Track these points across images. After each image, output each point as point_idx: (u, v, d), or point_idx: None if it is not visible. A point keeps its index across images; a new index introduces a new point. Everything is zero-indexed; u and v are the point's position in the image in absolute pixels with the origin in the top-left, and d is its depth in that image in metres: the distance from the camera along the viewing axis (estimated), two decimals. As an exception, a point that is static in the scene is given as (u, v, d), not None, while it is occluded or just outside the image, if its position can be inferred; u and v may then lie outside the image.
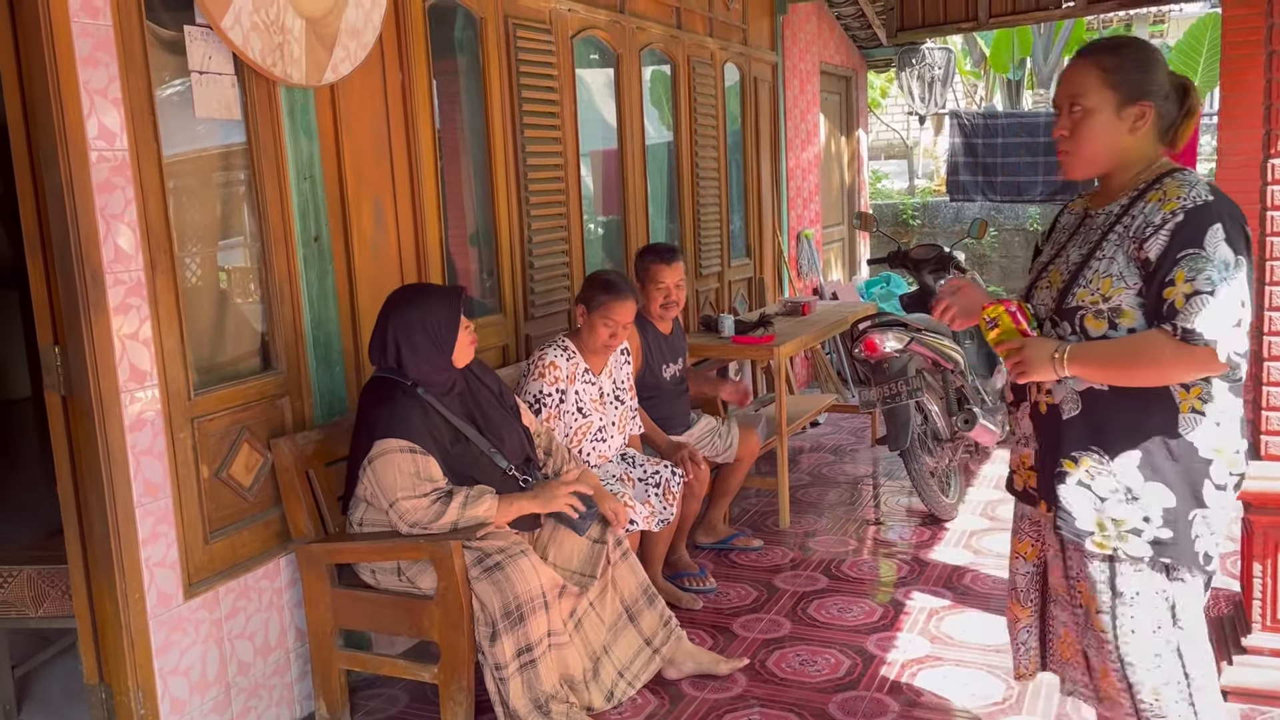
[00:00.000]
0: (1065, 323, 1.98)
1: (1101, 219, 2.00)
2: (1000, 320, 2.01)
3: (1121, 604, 1.96)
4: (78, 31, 2.36)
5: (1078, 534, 1.98)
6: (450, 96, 3.85)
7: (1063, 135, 2.00)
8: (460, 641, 2.72)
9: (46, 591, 2.98)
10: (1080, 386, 1.97)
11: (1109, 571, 1.96)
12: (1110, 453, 1.95)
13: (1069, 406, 1.99)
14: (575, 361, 3.47)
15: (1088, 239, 2.01)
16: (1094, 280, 1.94)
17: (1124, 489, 1.94)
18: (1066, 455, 1.99)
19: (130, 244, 2.50)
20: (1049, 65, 14.99)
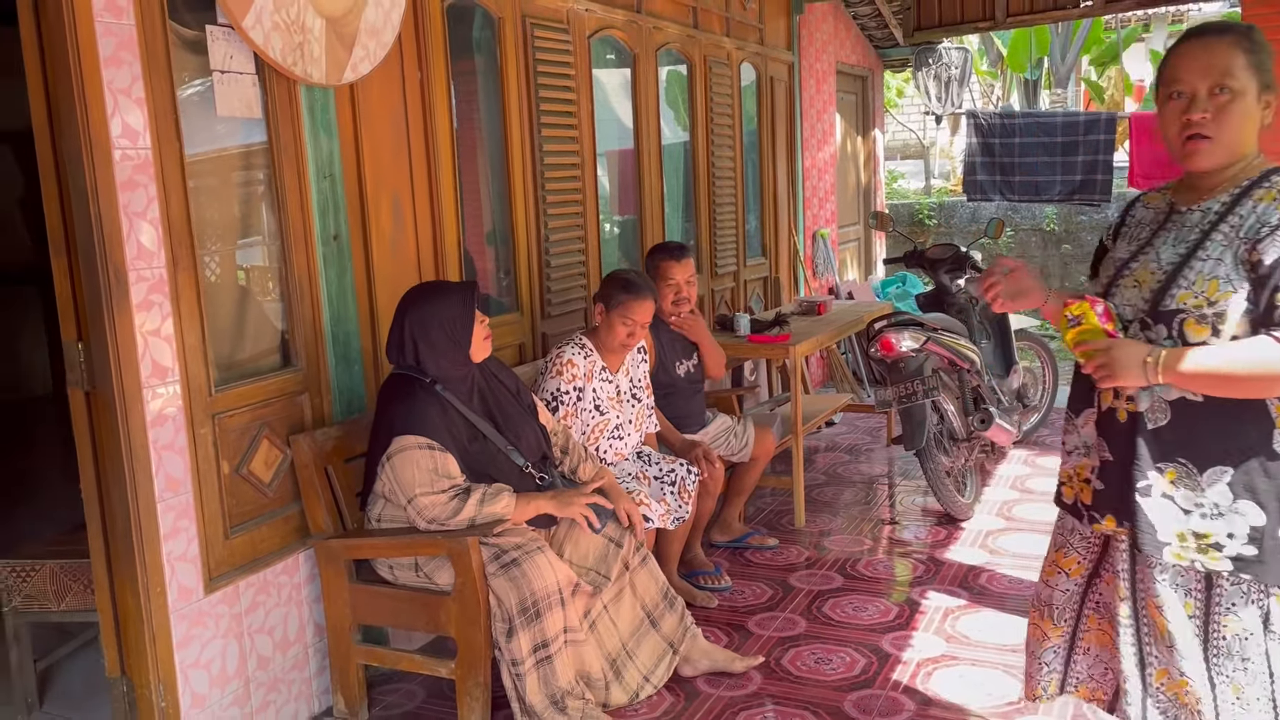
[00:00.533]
0: (1161, 325, 1.84)
1: (1198, 216, 1.87)
2: (1085, 318, 1.85)
3: (1216, 611, 1.87)
4: (101, 31, 2.39)
5: (1155, 548, 1.88)
6: (468, 96, 3.87)
7: (1205, 119, 1.80)
8: (477, 637, 2.73)
9: (69, 586, 3.02)
10: (1171, 395, 1.84)
11: (1203, 581, 1.88)
12: (1199, 466, 1.84)
13: (1157, 416, 1.87)
14: (593, 360, 3.48)
15: (1183, 237, 1.87)
16: (1197, 282, 1.80)
17: (1210, 504, 1.84)
18: (1151, 467, 1.87)
19: (153, 241, 2.52)
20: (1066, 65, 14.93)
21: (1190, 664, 1.90)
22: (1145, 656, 1.99)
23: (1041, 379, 6.00)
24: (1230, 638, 1.88)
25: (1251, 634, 1.87)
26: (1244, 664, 1.88)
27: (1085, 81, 15.95)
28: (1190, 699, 1.91)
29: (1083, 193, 8.20)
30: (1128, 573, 1.99)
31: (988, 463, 5.19)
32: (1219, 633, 1.89)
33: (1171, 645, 1.91)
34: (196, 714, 2.67)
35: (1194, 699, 1.91)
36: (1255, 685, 1.88)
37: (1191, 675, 1.90)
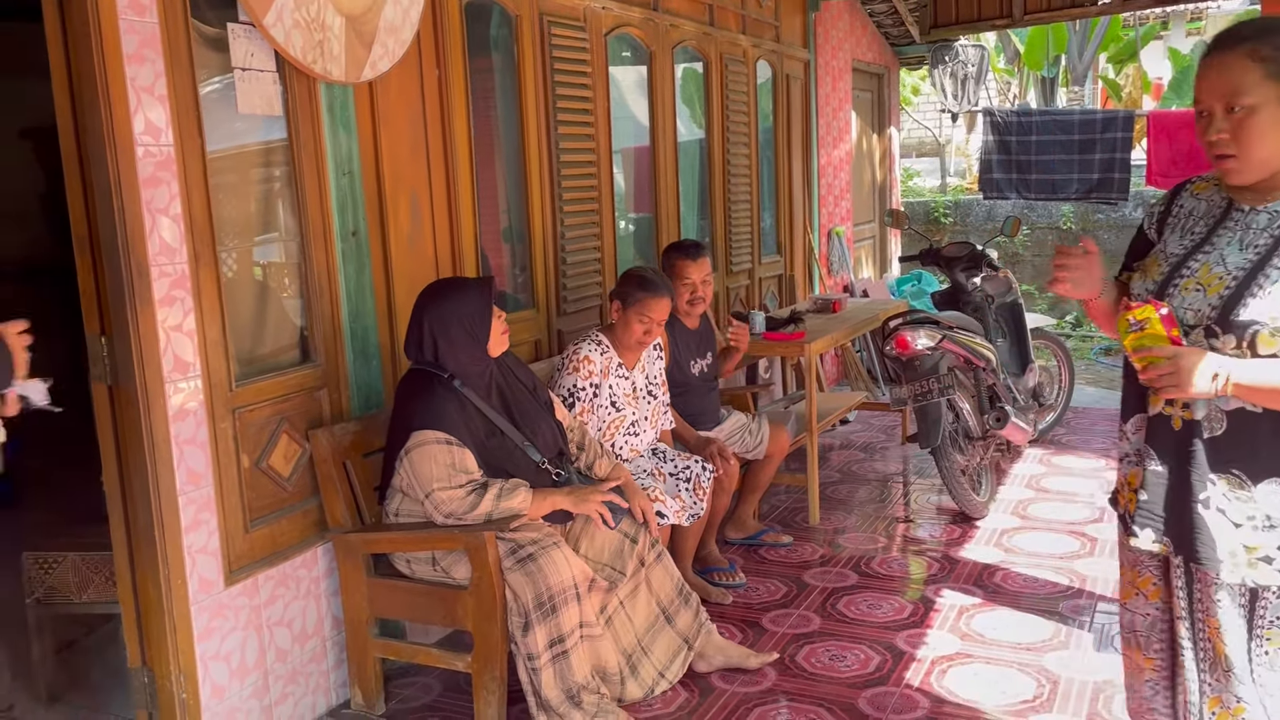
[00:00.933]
0: (1230, 335, 1.74)
1: (1265, 218, 1.78)
2: (1149, 323, 1.72)
3: (1259, 626, 1.81)
4: (125, 29, 2.41)
5: (1214, 563, 1.80)
6: (485, 93, 3.89)
7: (1223, 139, 1.74)
8: (493, 631, 2.75)
9: (90, 577, 3.05)
10: (1230, 405, 1.77)
11: (1248, 598, 1.81)
12: (1253, 478, 1.77)
13: (1213, 425, 1.79)
14: (609, 356, 3.49)
15: (1250, 240, 1.78)
16: (1274, 293, 1.70)
17: (1263, 515, 1.77)
18: (1207, 478, 1.80)
19: (174, 237, 2.55)
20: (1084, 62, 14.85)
21: (1247, 690, 1.83)
22: (1202, 684, 1.89)
23: (1057, 378, 5.98)
24: (1274, 652, 1.81)
25: None
26: None
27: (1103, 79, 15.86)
28: None
29: (1100, 191, 8.16)
30: (1184, 590, 1.89)
31: (1003, 461, 5.18)
32: (1261, 648, 1.82)
33: (1230, 670, 1.83)
34: (216, 705, 2.70)
35: None
36: None
37: (1248, 701, 1.83)
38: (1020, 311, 5.29)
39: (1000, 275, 5.24)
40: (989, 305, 5.03)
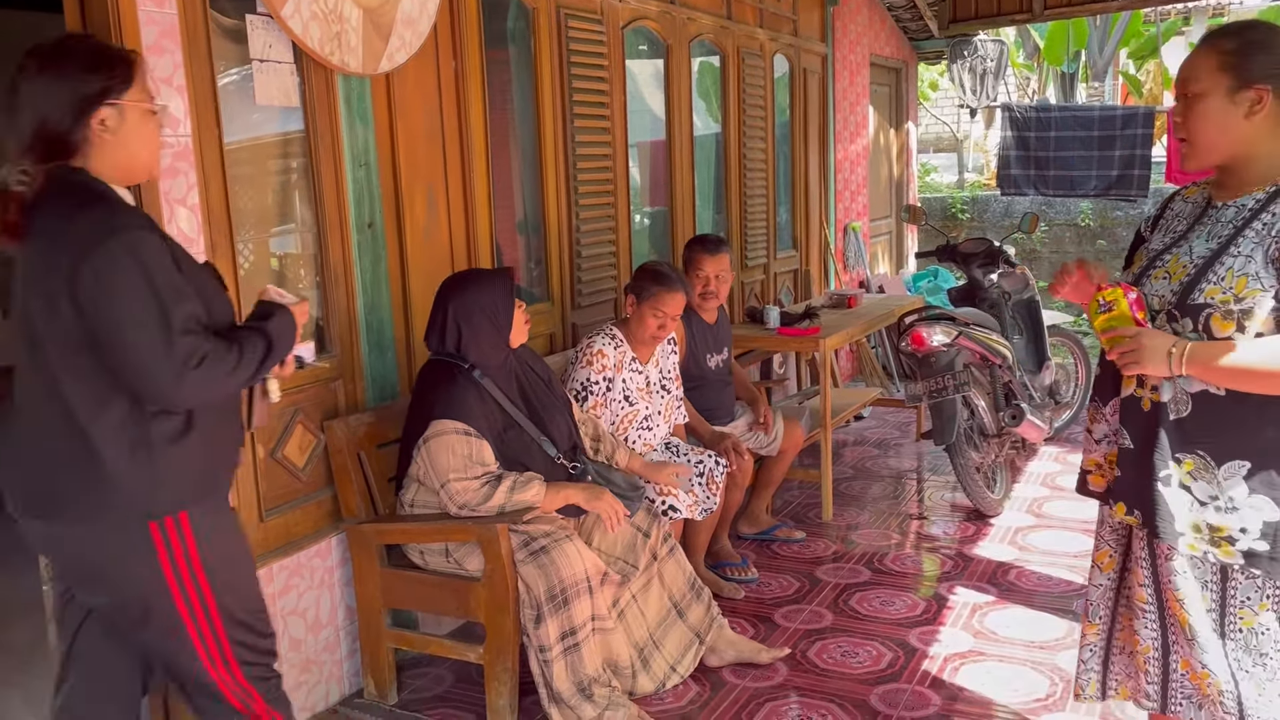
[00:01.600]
0: (1187, 319, 1.85)
1: (1232, 212, 1.88)
2: (1117, 304, 1.86)
3: (1231, 605, 1.89)
4: (144, 20, 2.42)
5: (1173, 536, 1.89)
6: (502, 86, 3.89)
7: (1177, 123, 1.92)
8: (506, 623, 2.76)
9: (107, 565, 3.07)
10: (1194, 387, 1.87)
11: (1218, 574, 1.90)
12: (1217, 459, 1.86)
13: (1179, 407, 1.89)
14: (623, 350, 3.49)
15: (1216, 232, 1.88)
16: (1227, 278, 1.82)
17: (1226, 497, 1.85)
18: (1171, 457, 1.89)
19: (192, 227, 2.56)
20: (1104, 58, 14.74)
21: (1211, 657, 1.92)
22: (1169, 645, 2.00)
23: (1074, 375, 5.95)
24: (1246, 631, 1.89)
25: (1267, 630, 1.88)
26: (1262, 659, 1.89)
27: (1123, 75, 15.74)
28: (1212, 690, 1.93)
29: (1119, 188, 8.11)
30: (1147, 561, 2.01)
31: (1018, 459, 5.16)
32: (1235, 626, 1.90)
33: (1192, 638, 1.93)
34: (230, 693, 2.72)
35: (1216, 690, 1.92)
36: (1277, 682, 1.89)
37: (1214, 668, 1.92)
38: (1037, 308, 5.26)
39: (1017, 272, 5.21)
40: (1006, 302, 5.01)
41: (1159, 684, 2.04)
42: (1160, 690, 2.04)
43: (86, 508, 1.85)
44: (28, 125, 1.84)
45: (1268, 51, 1.83)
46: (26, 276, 1.85)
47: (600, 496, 2.92)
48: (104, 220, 1.79)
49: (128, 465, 1.83)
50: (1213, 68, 1.85)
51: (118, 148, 1.88)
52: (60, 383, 1.82)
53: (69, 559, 1.95)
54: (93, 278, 1.76)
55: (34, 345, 1.84)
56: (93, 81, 1.84)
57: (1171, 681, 2.02)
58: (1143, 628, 2.04)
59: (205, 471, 1.96)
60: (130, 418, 1.84)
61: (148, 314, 1.78)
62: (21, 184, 1.81)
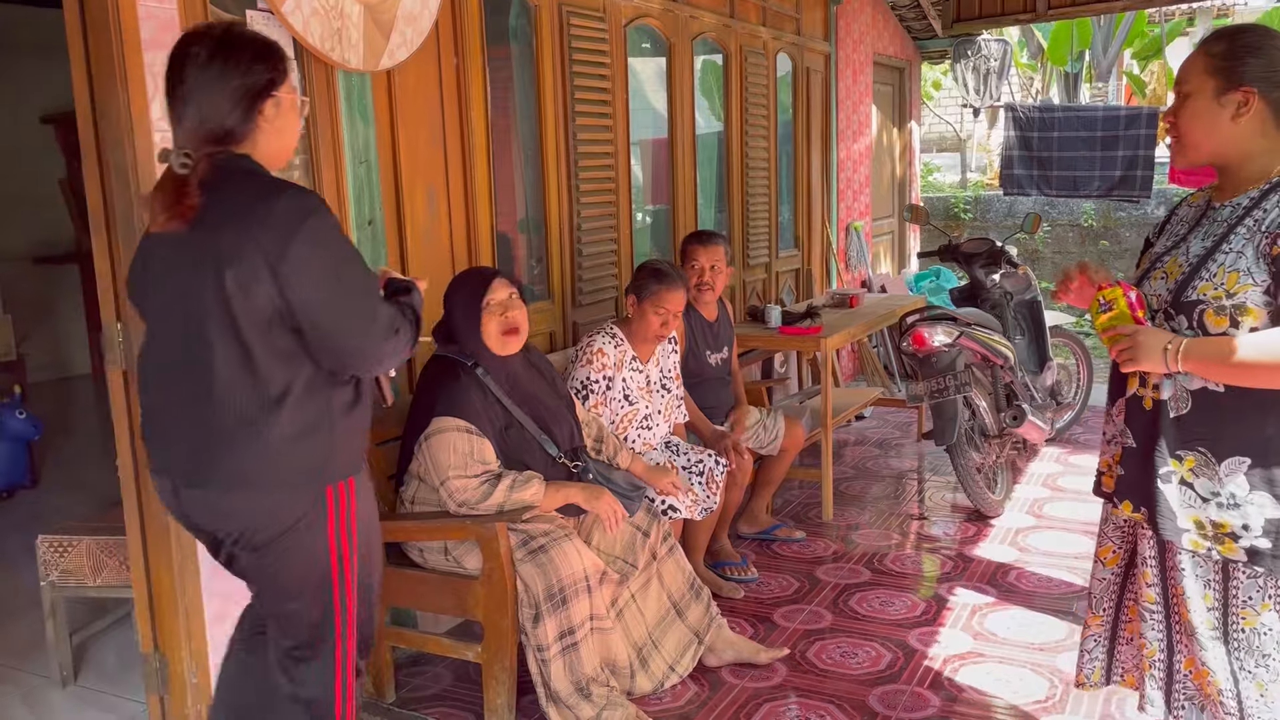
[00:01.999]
0: (1182, 316, 1.89)
1: (1227, 212, 1.92)
2: (1116, 303, 1.90)
3: (1234, 605, 1.90)
4: (143, 15, 2.41)
5: (1175, 533, 1.92)
6: (503, 84, 3.88)
7: (1170, 122, 1.96)
8: (504, 622, 2.75)
9: (104, 561, 3.07)
10: (1193, 385, 1.89)
11: (1220, 573, 1.91)
12: (1218, 455, 1.88)
13: (1179, 404, 1.91)
14: (624, 349, 3.48)
15: (1212, 232, 1.92)
16: (1218, 274, 1.85)
17: (1227, 494, 1.87)
18: (1172, 454, 1.92)
19: (191, 224, 2.55)
20: (1108, 59, 14.71)
21: (1211, 655, 1.93)
22: (1174, 644, 2.02)
23: (1076, 376, 5.94)
24: (1249, 631, 1.90)
25: (1270, 630, 1.89)
26: (1264, 660, 1.89)
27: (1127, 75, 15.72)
28: (1212, 690, 1.94)
29: (1122, 188, 8.09)
30: (1155, 560, 2.02)
31: (1019, 460, 5.15)
32: (1237, 625, 1.91)
33: (1194, 635, 1.95)
34: (227, 691, 2.71)
35: (1216, 690, 1.93)
36: (1279, 683, 1.89)
37: (1214, 667, 1.93)
38: (1039, 309, 5.25)
39: (1020, 272, 5.20)
40: (1008, 302, 5.00)
41: (1163, 688, 2.04)
42: (1164, 694, 2.04)
43: (269, 475, 1.92)
44: (196, 111, 1.89)
45: (1257, 55, 1.86)
46: (196, 258, 1.86)
47: (600, 496, 2.91)
48: (302, 203, 1.88)
49: (316, 434, 1.94)
50: (1201, 70, 1.90)
51: (273, 136, 1.97)
52: (251, 356, 1.87)
53: (252, 526, 1.97)
54: (304, 256, 1.85)
55: (212, 323, 1.86)
56: (261, 73, 1.92)
57: (1175, 683, 2.03)
58: (1149, 629, 2.05)
59: (364, 440, 2.09)
60: (315, 389, 1.94)
61: (357, 284, 1.93)
62: (185, 168, 1.86)
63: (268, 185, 1.90)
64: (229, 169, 1.90)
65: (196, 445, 1.93)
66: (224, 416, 1.89)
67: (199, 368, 1.90)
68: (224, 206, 1.86)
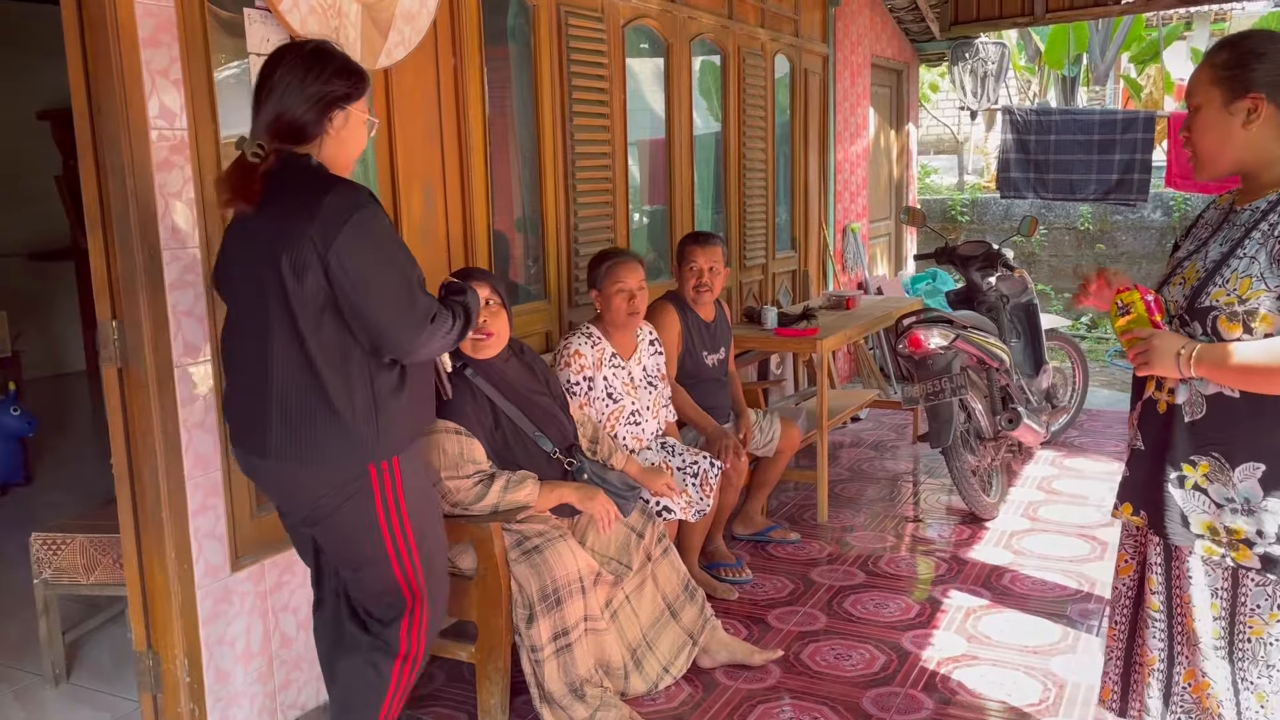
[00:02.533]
0: (1196, 323, 1.89)
1: (1246, 215, 1.91)
2: (1134, 307, 1.91)
3: (1241, 614, 1.90)
4: (141, 12, 2.41)
5: (1184, 538, 1.91)
6: (501, 83, 3.88)
7: (1185, 138, 1.96)
8: (498, 622, 2.75)
9: (98, 559, 3.06)
10: (1209, 390, 1.89)
11: (1230, 581, 1.90)
12: (1232, 461, 1.87)
13: (1192, 409, 1.91)
14: (601, 347, 3.47)
15: (1230, 236, 1.91)
16: (1232, 280, 1.85)
17: (1241, 499, 1.86)
18: (1185, 459, 1.91)
19: (187, 222, 2.55)
20: (1105, 62, 14.72)
21: (1213, 665, 1.92)
22: (1175, 655, 2.01)
23: (1071, 379, 5.94)
24: (1255, 641, 1.89)
25: (1276, 640, 1.87)
26: (1269, 670, 1.89)
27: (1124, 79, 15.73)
28: (1212, 703, 1.93)
29: (1119, 192, 8.09)
30: (1161, 566, 2.01)
31: (1014, 463, 5.16)
32: (1243, 634, 1.90)
33: (1197, 645, 1.93)
34: (220, 689, 2.71)
35: (1215, 703, 1.92)
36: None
37: (1214, 678, 1.92)
38: (1035, 312, 5.26)
39: (1016, 275, 5.20)
40: (1004, 305, 5.01)
41: (1161, 698, 2.02)
42: (1161, 705, 2.02)
43: (319, 451, 2.12)
44: (275, 108, 2.12)
45: (1261, 60, 1.85)
46: (260, 245, 2.08)
47: (594, 497, 2.90)
48: (351, 197, 2.07)
49: (359, 414, 2.12)
50: (1207, 81, 1.90)
51: (337, 145, 2.19)
52: (305, 341, 2.09)
53: (305, 497, 2.21)
54: (348, 245, 2.03)
55: (272, 307, 2.08)
56: (339, 86, 2.15)
57: (1173, 696, 2.01)
58: (1151, 638, 2.04)
59: (412, 423, 2.27)
60: (363, 372, 2.13)
61: (396, 273, 2.10)
62: (257, 157, 2.09)
63: (323, 180, 2.10)
64: (292, 165, 2.12)
65: (257, 421, 2.15)
66: (279, 396, 2.11)
67: (262, 349, 2.11)
68: (284, 197, 2.07)
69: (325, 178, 2.12)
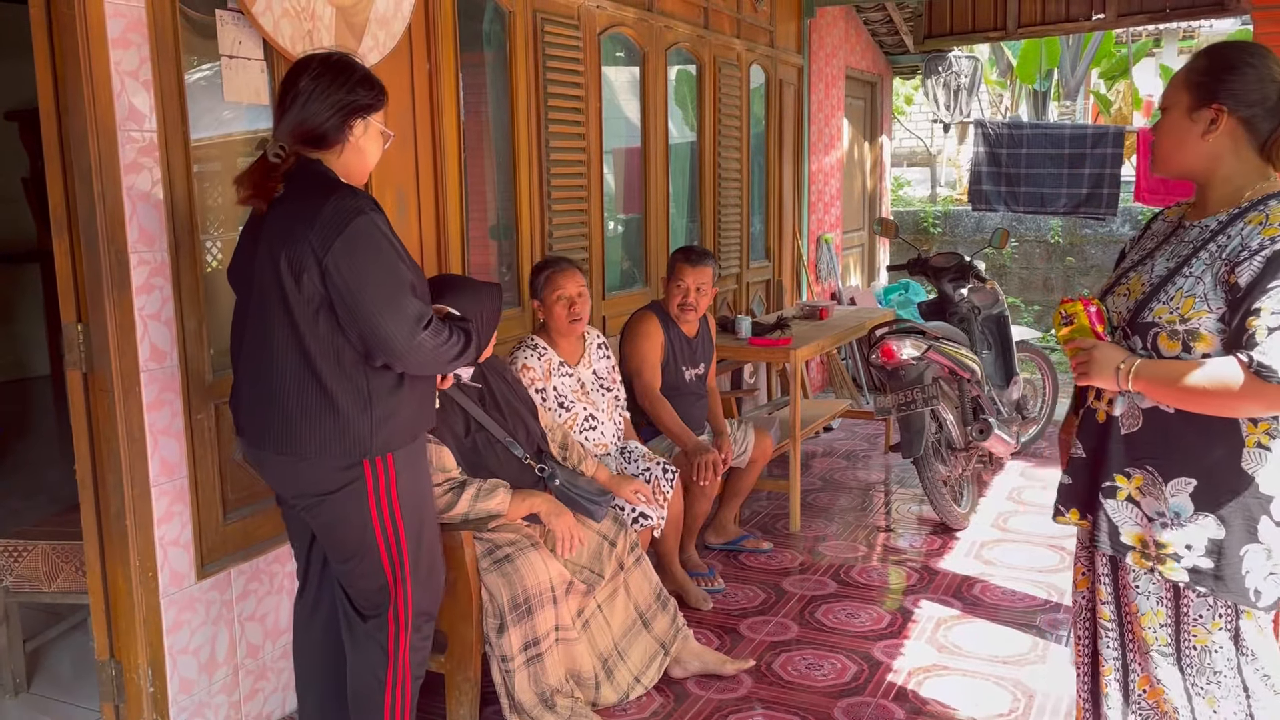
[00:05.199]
0: (1137, 337, 1.89)
1: (1195, 233, 1.90)
2: (1077, 317, 1.93)
3: (1185, 623, 1.91)
4: (110, 12, 2.38)
5: (1119, 550, 1.94)
6: (476, 89, 3.86)
7: (1153, 132, 1.98)
8: (468, 632, 2.73)
9: (60, 567, 3.01)
10: (1145, 403, 1.90)
11: (1172, 591, 1.92)
12: (1164, 475, 1.88)
13: (1129, 421, 1.92)
14: (548, 357, 3.45)
15: (1177, 252, 1.91)
16: (1176, 298, 1.84)
17: (1171, 513, 1.87)
18: (1119, 470, 1.93)
19: (155, 225, 2.52)
20: (1076, 77, 14.91)
21: (1164, 672, 1.94)
22: (1129, 662, 2.02)
23: (1041, 391, 5.99)
24: (1200, 649, 1.91)
25: (1220, 648, 1.89)
26: (1216, 677, 1.91)
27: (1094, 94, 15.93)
28: (1168, 707, 1.95)
29: (1089, 206, 8.18)
30: (1108, 576, 2.03)
31: (985, 473, 5.18)
32: (1189, 643, 1.92)
33: (1147, 652, 1.96)
34: (184, 699, 2.67)
35: (1171, 707, 1.94)
36: (1230, 700, 1.90)
37: (1168, 684, 1.94)
38: (1006, 324, 5.30)
39: (987, 287, 5.24)
40: (975, 317, 5.04)
41: (1120, 706, 2.04)
42: (1121, 711, 2.04)
43: (318, 446, 2.18)
44: (299, 113, 2.19)
45: (1231, 73, 1.84)
46: (264, 243, 2.16)
47: (561, 514, 2.88)
48: (350, 203, 2.12)
49: (354, 410, 2.17)
50: (1180, 83, 1.91)
51: (354, 153, 2.26)
52: (303, 339, 2.15)
53: (301, 488, 2.27)
54: (344, 251, 2.09)
55: (273, 304, 2.16)
56: (362, 96, 2.23)
57: (1131, 702, 2.03)
58: (1105, 647, 2.05)
59: (410, 422, 2.29)
60: (358, 369, 2.18)
61: (389, 278, 2.13)
62: (278, 158, 2.17)
63: (328, 185, 2.17)
64: (306, 169, 2.20)
65: (256, 412, 2.23)
66: (279, 390, 2.18)
67: (264, 344, 2.19)
68: (292, 199, 2.15)
69: (331, 183, 2.18)
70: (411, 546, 2.33)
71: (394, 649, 2.38)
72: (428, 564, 2.41)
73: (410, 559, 2.33)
